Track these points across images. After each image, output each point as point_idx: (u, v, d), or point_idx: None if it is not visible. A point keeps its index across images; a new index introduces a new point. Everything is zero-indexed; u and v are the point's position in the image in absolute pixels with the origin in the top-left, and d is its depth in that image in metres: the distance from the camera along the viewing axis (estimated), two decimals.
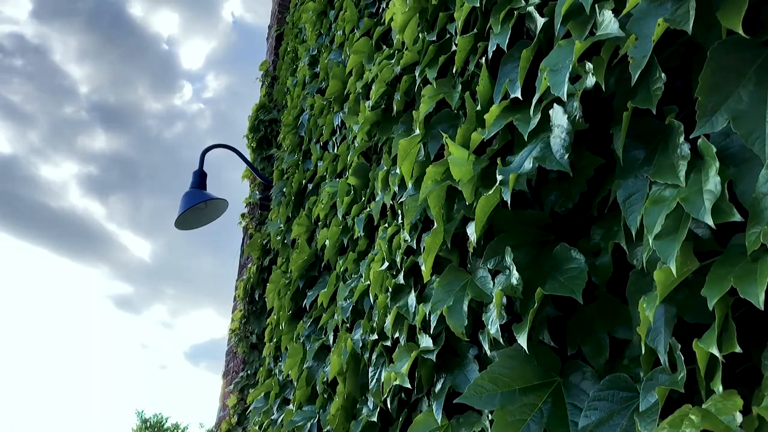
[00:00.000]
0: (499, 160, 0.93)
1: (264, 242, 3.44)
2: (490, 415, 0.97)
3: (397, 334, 1.26)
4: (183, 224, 3.21)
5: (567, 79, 0.77)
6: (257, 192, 3.91)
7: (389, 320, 1.27)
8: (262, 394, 2.38)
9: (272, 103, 4.14)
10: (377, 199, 1.63)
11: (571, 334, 0.90)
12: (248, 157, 4.10)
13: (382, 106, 1.62)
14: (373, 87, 1.64)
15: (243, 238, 4.09)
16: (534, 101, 0.86)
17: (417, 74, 1.35)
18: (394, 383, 1.20)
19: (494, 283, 0.99)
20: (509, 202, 0.86)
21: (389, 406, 1.29)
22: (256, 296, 3.46)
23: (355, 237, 1.82)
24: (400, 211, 1.47)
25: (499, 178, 0.89)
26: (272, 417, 2.11)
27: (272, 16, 4.88)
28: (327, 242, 1.96)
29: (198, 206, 3.18)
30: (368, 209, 1.71)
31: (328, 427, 1.65)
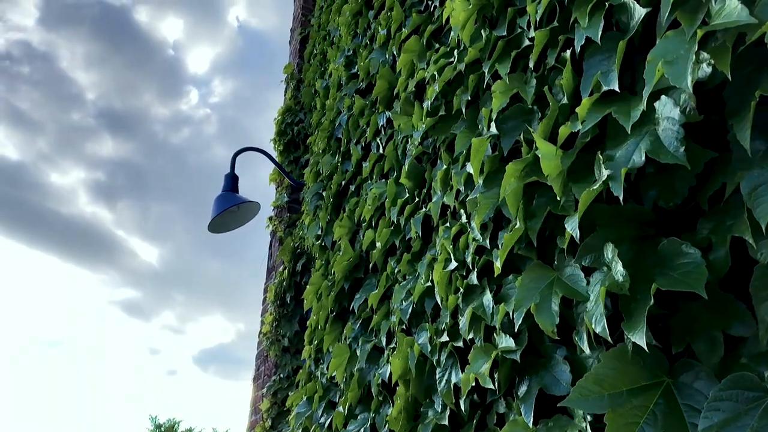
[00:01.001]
0: (600, 155, 0.90)
1: (296, 245, 3.43)
2: (588, 416, 0.94)
3: (471, 335, 1.23)
4: (216, 227, 3.20)
5: (690, 70, 0.75)
6: (285, 195, 3.90)
7: (464, 321, 1.24)
8: (305, 397, 2.36)
9: (298, 106, 4.13)
10: (434, 199, 1.61)
11: (676, 332, 0.87)
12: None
13: (442, 111, 1.59)
14: (432, 86, 1.62)
15: (271, 242, 4.08)
16: (646, 93, 0.84)
17: (486, 71, 1.33)
18: (473, 385, 1.17)
19: (589, 280, 0.97)
20: (621, 198, 0.84)
21: (462, 408, 1.27)
22: (288, 299, 3.44)
23: (407, 238, 1.80)
24: (462, 210, 1.45)
25: (605, 173, 0.86)
26: (319, 421, 2.09)
27: (294, 20, 4.87)
28: (377, 243, 1.94)
29: (230, 209, 3.17)
30: (424, 209, 1.69)
31: (385, 429, 1.63)
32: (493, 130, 1.27)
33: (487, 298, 1.22)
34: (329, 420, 2.05)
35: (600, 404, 0.85)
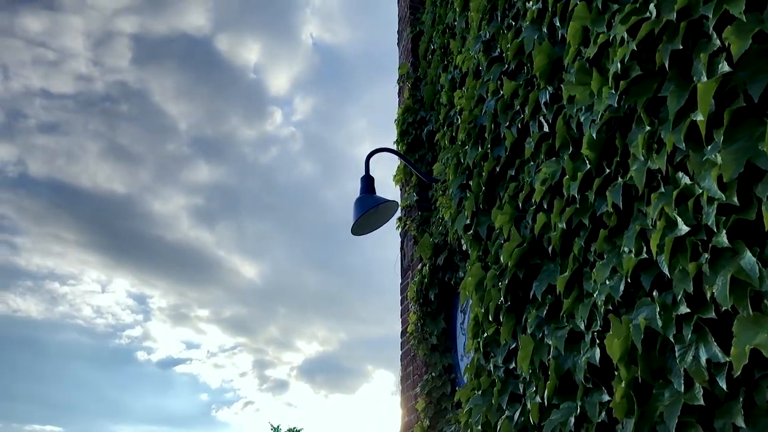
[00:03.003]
0: None
1: (435, 241, 3.39)
2: None
3: (731, 303, 1.12)
4: (358, 230, 3.23)
5: None
6: (414, 194, 3.89)
7: (720, 288, 1.13)
8: (477, 392, 2.29)
9: (417, 105, 4.12)
10: (635, 166, 1.50)
11: None
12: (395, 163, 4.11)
13: (636, 71, 1.48)
14: (622, 47, 1.51)
15: (403, 241, 4.08)
16: None
17: (711, 14, 1.21)
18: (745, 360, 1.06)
19: None
20: None
21: (720, 385, 1.15)
22: (432, 297, 3.41)
23: (598, 214, 1.70)
24: (681, 172, 1.33)
25: None
26: (506, 414, 2.02)
27: (401, 21, 4.88)
28: (556, 225, 1.85)
29: (369, 211, 3.19)
30: (620, 179, 1.58)
31: (602, 416, 1.53)
32: (725, 68, 1.15)
33: (748, 260, 1.10)
34: (516, 412, 1.97)
35: None
